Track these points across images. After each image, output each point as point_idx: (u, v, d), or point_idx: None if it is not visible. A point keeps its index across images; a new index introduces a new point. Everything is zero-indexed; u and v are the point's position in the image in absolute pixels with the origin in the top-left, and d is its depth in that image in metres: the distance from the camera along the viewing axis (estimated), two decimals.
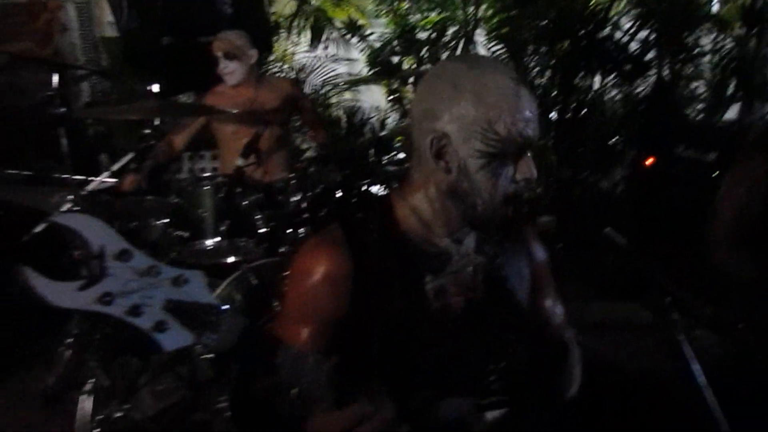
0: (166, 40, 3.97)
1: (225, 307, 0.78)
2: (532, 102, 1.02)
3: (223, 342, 0.78)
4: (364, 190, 2.73)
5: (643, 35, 4.40)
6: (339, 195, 2.60)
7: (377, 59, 5.33)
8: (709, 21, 4.24)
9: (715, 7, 4.73)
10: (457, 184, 1.04)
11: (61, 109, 2.16)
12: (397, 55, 5.36)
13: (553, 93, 4.69)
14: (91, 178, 2.44)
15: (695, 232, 1.96)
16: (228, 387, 2.07)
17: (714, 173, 3.13)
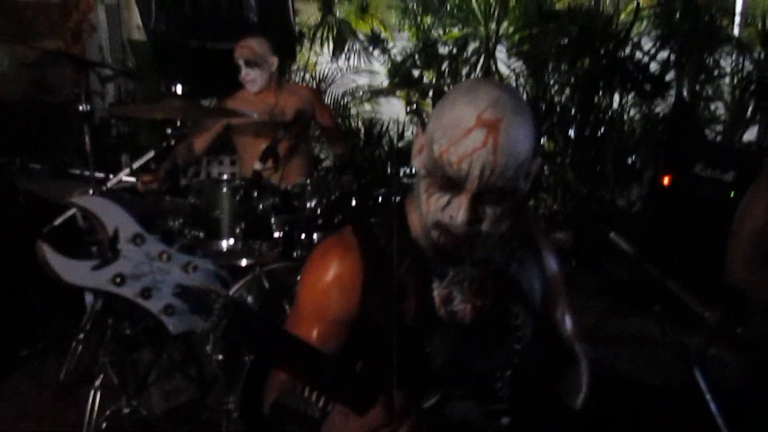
0: (192, 45, 4.05)
1: (228, 295, 0.80)
2: (494, 149, 0.94)
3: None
4: (379, 196, 2.74)
5: (663, 56, 4.39)
6: (354, 202, 2.62)
7: (398, 72, 5.38)
8: (729, 43, 4.22)
9: (735, 30, 4.71)
10: (415, 188, 1.08)
11: (87, 107, 2.20)
12: (418, 69, 5.40)
13: (572, 110, 4.69)
14: (111, 176, 2.48)
15: (713, 251, 1.96)
16: (237, 387, 2.08)
17: (732, 193, 3.11)
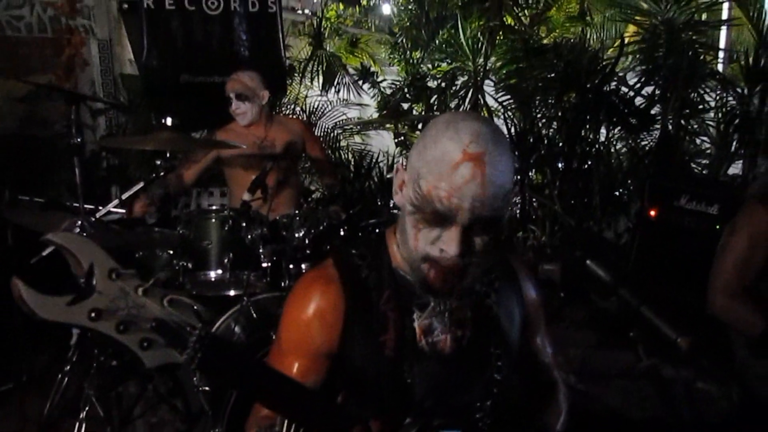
0: (183, 79, 4.11)
1: (204, 327, 0.81)
2: (482, 182, 0.95)
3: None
4: (368, 227, 2.76)
5: (648, 90, 4.48)
6: (342, 233, 2.64)
7: (387, 105, 5.45)
8: (713, 78, 4.32)
9: (719, 66, 4.83)
10: (399, 221, 1.09)
11: (77, 139, 2.23)
12: (407, 102, 5.48)
13: (560, 143, 4.75)
14: (100, 207, 2.49)
15: (699, 283, 1.98)
16: (223, 420, 2.07)
17: (717, 226, 3.16)
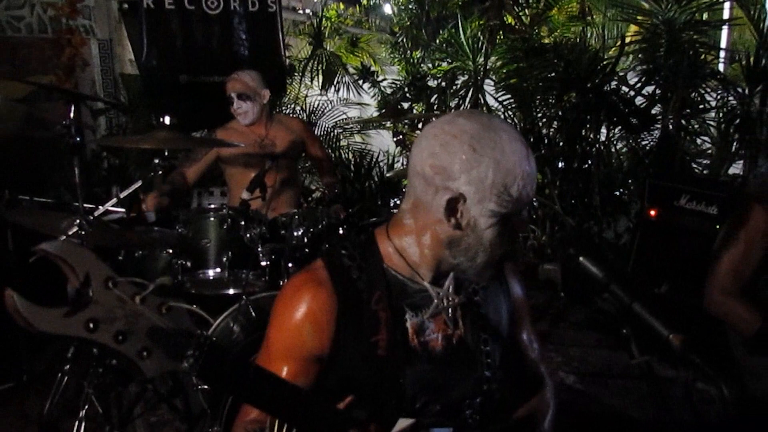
0: (183, 79, 4.11)
1: (203, 334, 0.81)
2: (534, 162, 1.08)
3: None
4: (368, 226, 2.75)
5: (649, 90, 4.47)
6: (342, 232, 2.63)
7: (387, 104, 5.44)
8: (714, 78, 4.30)
9: (720, 65, 4.81)
10: (462, 239, 1.06)
11: (77, 139, 2.22)
12: (407, 101, 5.47)
13: (560, 143, 4.74)
14: (99, 207, 2.49)
15: (698, 282, 1.98)
16: (221, 419, 2.07)
17: (717, 226, 3.16)
